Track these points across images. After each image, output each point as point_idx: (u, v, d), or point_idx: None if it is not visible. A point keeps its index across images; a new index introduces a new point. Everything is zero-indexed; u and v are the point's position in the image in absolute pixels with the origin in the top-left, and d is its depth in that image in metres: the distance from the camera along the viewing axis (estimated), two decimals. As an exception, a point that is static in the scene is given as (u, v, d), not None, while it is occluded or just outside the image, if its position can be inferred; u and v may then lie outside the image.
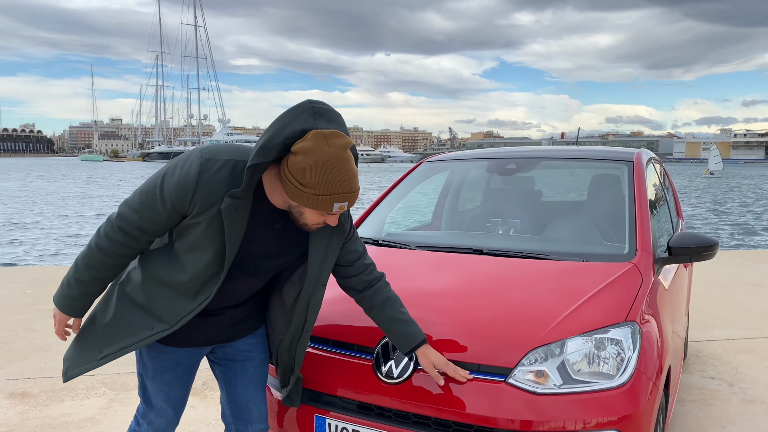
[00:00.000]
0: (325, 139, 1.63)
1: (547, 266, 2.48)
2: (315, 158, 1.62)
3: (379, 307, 2.06)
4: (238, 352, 2.09)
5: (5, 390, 3.75)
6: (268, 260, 1.90)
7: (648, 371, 2.04)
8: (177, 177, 1.71)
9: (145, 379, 2.01)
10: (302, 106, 1.70)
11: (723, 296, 6.31)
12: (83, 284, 1.83)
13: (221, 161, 1.73)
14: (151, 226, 1.76)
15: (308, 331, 2.05)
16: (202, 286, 1.82)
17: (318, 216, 1.74)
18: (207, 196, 1.71)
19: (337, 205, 1.68)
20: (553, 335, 2.05)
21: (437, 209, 3.98)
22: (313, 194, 1.65)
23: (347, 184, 1.66)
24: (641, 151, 3.40)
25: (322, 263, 1.95)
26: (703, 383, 3.95)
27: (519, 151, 3.61)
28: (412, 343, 2.03)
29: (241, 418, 2.14)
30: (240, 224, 1.76)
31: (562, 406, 1.91)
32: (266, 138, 1.67)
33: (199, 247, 1.77)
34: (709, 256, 2.66)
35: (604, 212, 3.03)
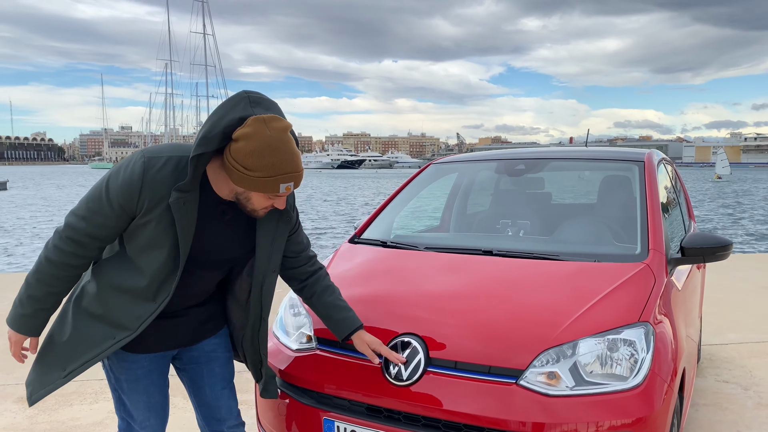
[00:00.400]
0: (264, 123, 1.67)
1: (557, 267, 2.45)
2: (257, 142, 1.65)
3: (320, 294, 2.13)
4: (203, 353, 2.09)
5: (14, 394, 3.75)
6: (220, 253, 1.91)
7: (662, 372, 2.01)
8: (122, 179, 1.72)
9: (121, 395, 1.98)
10: (238, 96, 1.74)
11: (736, 300, 6.23)
12: (37, 301, 1.80)
13: (164, 158, 1.75)
14: (101, 231, 1.75)
15: (265, 319, 2.06)
16: (160, 285, 1.81)
17: (265, 199, 1.77)
18: (154, 194, 1.72)
19: (283, 185, 1.72)
20: (565, 336, 2.02)
21: (445, 211, 3.95)
22: (260, 177, 1.68)
23: (291, 164, 1.70)
24: (652, 151, 3.36)
25: (271, 249, 1.97)
26: (717, 387, 3.89)
27: (528, 152, 3.58)
28: (351, 327, 2.11)
29: (213, 418, 2.13)
30: (190, 217, 1.77)
31: (574, 408, 1.88)
32: (206, 129, 1.70)
33: (152, 247, 1.77)
34: (723, 256, 2.61)
35: (615, 212, 2.99)
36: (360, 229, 3.18)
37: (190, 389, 2.14)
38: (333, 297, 2.14)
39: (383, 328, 2.20)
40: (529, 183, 3.53)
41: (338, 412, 2.13)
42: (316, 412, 2.17)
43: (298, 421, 2.23)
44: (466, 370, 2.01)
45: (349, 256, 2.85)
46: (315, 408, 2.18)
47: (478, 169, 3.90)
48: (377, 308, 2.32)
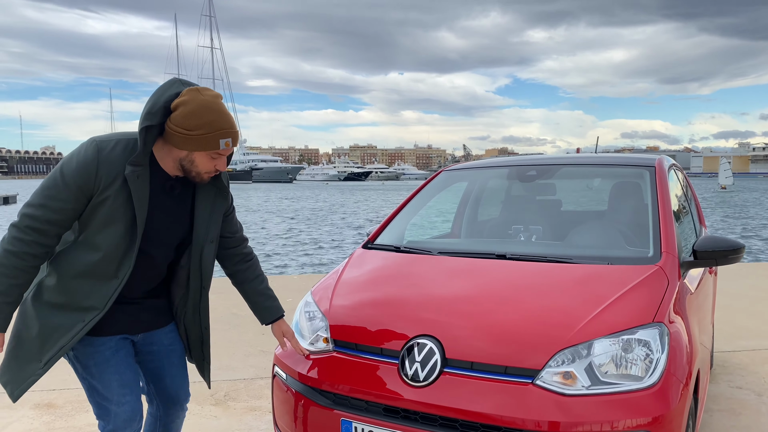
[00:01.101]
0: (198, 91, 1.90)
1: (571, 270, 2.47)
2: (194, 105, 1.87)
3: (251, 280, 2.31)
4: (163, 347, 2.23)
5: (31, 401, 3.79)
6: (171, 228, 2.07)
7: (678, 372, 2.02)
8: (76, 162, 1.88)
9: (90, 381, 2.04)
10: (170, 80, 1.97)
11: (747, 307, 6.21)
12: (1, 294, 1.87)
13: (114, 141, 1.93)
14: (59, 216, 1.87)
15: (206, 288, 2.21)
16: (121, 261, 1.95)
17: (208, 159, 1.96)
18: (109, 171, 1.88)
19: (222, 141, 1.92)
20: (580, 337, 2.04)
21: (456, 218, 3.98)
22: (200, 134, 1.88)
23: (228, 121, 1.93)
24: (662, 157, 3.38)
25: (209, 221, 2.14)
26: (730, 393, 3.88)
27: (539, 158, 3.61)
28: (274, 315, 2.33)
29: (172, 401, 2.29)
30: (144, 191, 1.94)
31: (591, 407, 1.90)
32: (149, 105, 1.90)
33: (110, 223, 1.91)
34: (735, 259, 2.63)
35: (627, 216, 3.02)
36: (373, 235, 3.22)
37: (151, 379, 2.25)
38: (263, 286, 2.32)
39: (400, 330, 2.23)
40: (541, 189, 3.56)
41: (356, 413, 2.15)
42: (334, 414, 2.20)
43: (315, 422, 2.26)
44: (483, 370, 2.04)
45: (363, 261, 2.88)
46: (332, 409, 2.21)
47: (489, 176, 3.94)
48: (393, 311, 2.35)
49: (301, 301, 2.70)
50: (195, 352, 2.29)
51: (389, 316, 2.33)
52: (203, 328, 2.25)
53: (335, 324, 2.40)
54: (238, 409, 3.66)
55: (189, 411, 3.54)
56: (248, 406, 3.72)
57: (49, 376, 4.24)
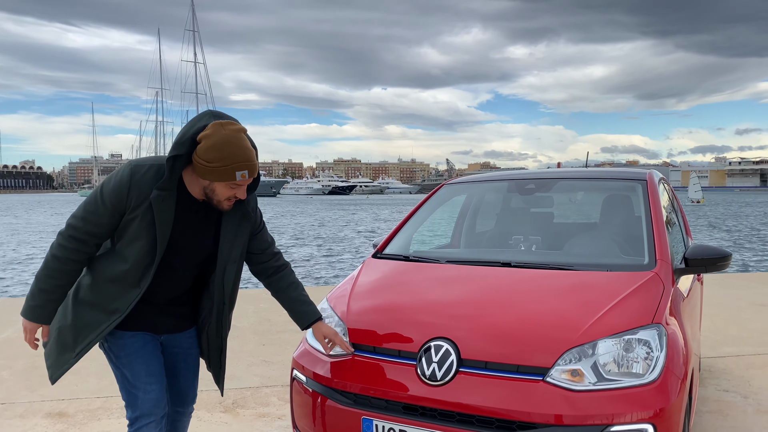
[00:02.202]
0: (221, 126, 2.06)
1: (573, 276, 2.64)
2: (214, 139, 2.04)
3: (285, 289, 2.46)
4: (182, 349, 2.42)
5: (42, 410, 3.85)
6: (195, 245, 2.25)
7: (676, 370, 2.19)
8: (113, 183, 2.09)
9: (122, 369, 2.25)
10: (203, 113, 2.16)
11: (731, 316, 6.44)
12: (46, 293, 2.14)
13: (147, 166, 2.13)
14: (97, 228, 2.11)
15: (228, 305, 2.37)
16: (143, 272, 2.15)
17: (227, 189, 2.12)
18: (139, 193, 2.08)
19: (239, 173, 2.07)
20: (586, 337, 2.21)
21: (456, 229, 4.15)
22: (218, 167, 2.05)
23: (245, 155, 2.07)
24: (652, 171, 3.59)
25: (232, 243, 2.30)
26: (718, 396, 4.07)
27: (537, 172, 3.80)
28: (311, 318, 2.46)
29: (180, 401, 2.47)
30: (168, 213, 2.12)
31: (598, 401, 2.06)
32: (178, 136, 2.09)
33: (137, 238, 2.12)
34: (723, 266, 2.82)
35: (622, 226, 3.21)
36: (381, 245, 3.37)
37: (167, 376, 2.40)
38: (296, 292, 2.47)
39: (417, 333, 2.38)
40: (538, 202, 3.74)
41: (376, 412, 2.29)
42: (355, 413, 2.33)
43: (337, 422, 2.39)
44: (496, 369, 2.19)
45: (375, 270, 3.03)
46: (354, 409, 2.34)
47: (488, 190, 4.12)
48: (409, 315, 2.50)
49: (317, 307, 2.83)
50: (213, 361, 2.47)
51: (405, 320, 2.48)
52: (223, 339, 2.43)
53: (353, 328, 2.53)
54: (248, 416, 3.76)
55: (200, 418, 3.65)
56: (257, 412, 3.83)
57: (59, 387, 4.31)
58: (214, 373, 2.50)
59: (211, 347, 2.44)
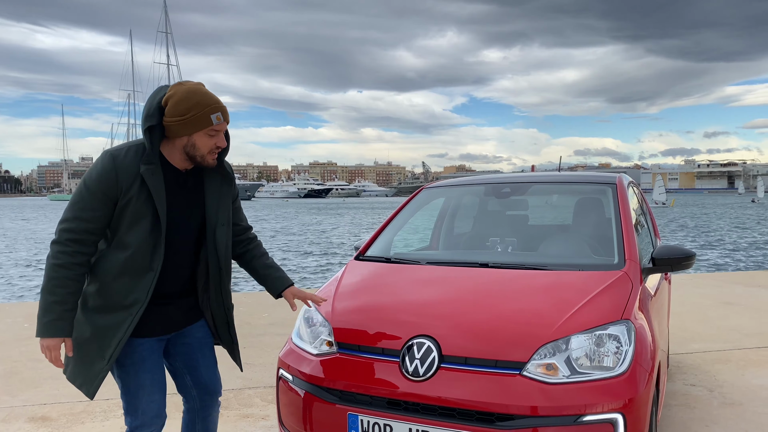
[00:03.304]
0: (180, 84, 2.17)
1: (547, 276, 2.78)
2: (180, 94, 2.12)
3: (259, 257, 2.55)
4: (196, 340, 2.43)
5: (24, 415, 3.86)
6: (188, 217, 2.28)
7: (643, 363, 2.33)
8: (96, 173, 2.11)
9: (126, 378, 2.24)
10: (158, 87, 2.22)
11: (698, 314, 6.68)
12: (59, 304, 2.08)
13: (125, 148, 2.17)
14: (93, 223, 2.10)
15: (226, 270, 2.40)
16: (152, 254, 2.16)
17: (207, 138, 2.18)
18: (127, 175, 2.11)
19: (213, 116, 2.15)
20: (559, 333, 2.33)
21: (435, 232, 4.26)
22: (192, 116, 2.12)
23: (213, 99, 2.17)
24: (622, 174, 3.75)
25: (218, 204, 2.35)
26: (685, 390, 4.25)
27: (512, 176, 3.94)
28: (285, 284, 2.54)
29: (207, 392, 2.49)
30: (160, 185, 2.15)
31: (572, 393, 2.18)
32: (145, 110, 2.16)
33: (137, 219, 2.13)
34: (688, 265, 2.99)
35: (593, 228, 3.36)
36: (363, 248, 3.47)
37: (186, 371, 2.44)
38: (270, 260, 2.57)
39: (399, 332, 2.48)
40: (514, 205, 3.88)
41: (361, 407, 2.38)
42: (341, 409, 2.42)
43: (323, 418, 2.47)
44: (476, 364, 2.30)
45: (358, 271, 3.12)
46: (339, 405, 2.43)
47: (466, 193, 4.25)
48: (392, 314, 2.60)
49: (302, 309, 2.92)
50: (223, 336, 2.49)
51: (388, 319, 2.58)
52: (226, 309, 2.44)
53: (338, 327, 2.62)
54: (232, 417, 3.82)
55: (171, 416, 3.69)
56: (240, 413, 3.89)
57: (41, 391, 4.31)
58: (227, 348, 2.52)
59: (217, 322, 2.44)
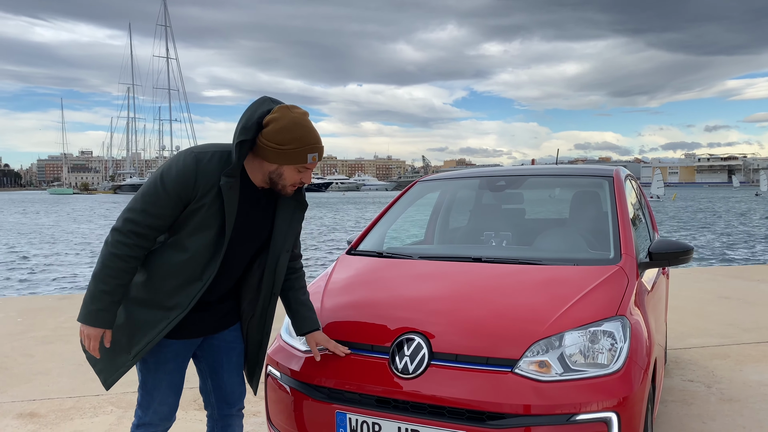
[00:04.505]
0: (289, 109, 2.05)
1: (542, 271, 2.71)
2: (285, 121, 2.02)
3: (296, 290, 2.45)
4: (225, 343, 2.34)
5: (13, 411, 3.81)
6: (252, 236, 2.20)
7: (639, 360, 2.27)
8: (176, 171, 2.01)
9: (146, 374, 2.20)
10: (261, 98, 2.12)
11: (697, 308, 6.63)
12: (109, 294, 2.02)
13: (210, 152, 2.07)
14: (159, 221, 2.03)
15: (276, 294, 2.34)
16: (206, 264, 2.09)
17: (295, 173, 2.10)
18: (206, 181, 2.02)
19: (310, 156, 2.07)
20: (552, 330, 2.27)
21: (429, 226, 4.20)
22: (290, 149, 2.03)
23: (315, 137, 2.08)
24: (619, 168, 3.69)
25: (287, 231, 2.27)
26: (683, 386, 4.20)
27: (507, 169, 3.88)
28: (311, 327, 2.43)
29: (226, 401, 2.40)
30: (234, 200, 2.07)
31: (565, 391, 2.12)
32: (243, 121, 2.04)
33: (202, 228, 2.06)
34: (686, 260, 2.92)
35: (589, 222, 3.29)
36: (355, 242, 3.41)
37: (209, 375, 2.38)
38: (305, 297, 2.47)
39: (389, 328, 2.42)
40: (509, 198, 3.81)
41: (350, 405, 2.32)
42: (329, 407, 2.36)
43: (311, 416, 2.42)
44: (466, 361, 2.24)
45: (349, 266, 3.06)
46: (327, 403, 2.37)
47: (460, 187, 4.18)
48: (382, 311, 2.54)
49: (291, 305, 2.86)
50: (251, 356, 2.39)
51: (378, 315, 2.52)
52: (265, 333, 2.36)
53: (327, 324, 2.57)
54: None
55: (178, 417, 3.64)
56: (232, 410, 3.83)
57: (29, 387, 4.27)
58: (249, 369, 2.42)
59: (250, 341, 2.36)
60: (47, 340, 5.53)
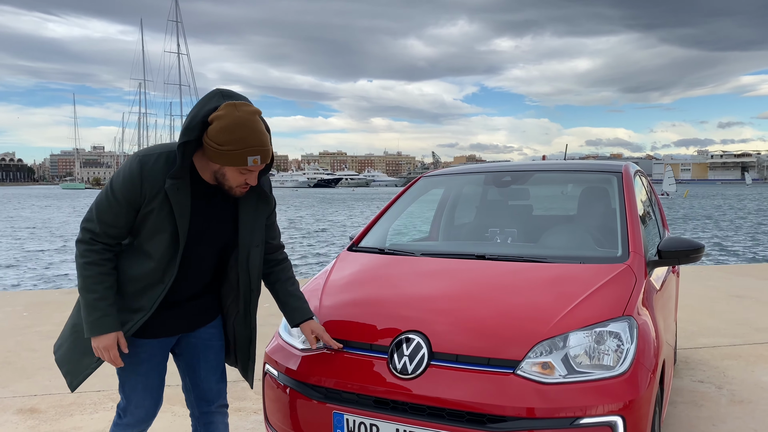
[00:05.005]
0: (235, 107, 1.94)
1: (547, 269, 2.64)
2: (227, 120, 1.92)
3: (283, 282, 2.39)
4: (201, 341, 2.30)
5: (13, 406, 3.79)
6: (212, 233, 2.16)
7: (646, 362, 2.19)
8: (122, 178, 1.99)
9: (123, 377, 2.18)
10: (212, 92, 2.02)
11: (708, 307, 6.51)
12: (103, 299, 2.01)
13: (156, 154, 2.02)
14: (114, 229, 2.02)
15: (255, 291, 2.29)
16: (166, 266, 2.06)
17: (238, 174, 2.02)
18: (152, 184, 1.98)
19: (250, 158, 1.96)
20: (557, 330, 2.20)
21: (434, 222, 4.13)
22: (230, 150, 1.93)
23: (257, 139, 1.95)
24: (628, 163, 3.60)
25: (252, 226, 2.21)
26: (693, 386, 4.11)
27: (513, 164, 3.79)
28: (304, 316, 2.38)
29: (204, 399, 2.36)
30: (185, 201, 2.03)
31: (568, 394, 2.05)
32: (188, 120, 1.97)
33: (157, 232, 2.03)
34: (696, 258, 2.83)
35: (597, 219, 3.21)
36: (357, 238, 3.34)
37: (186, 373, 2.35)
38: (294, 287, 2.41)
39: (388, 327, 2.35)
40: (515, 194, 3.73)
41: (347, 406, 2.26)
42: (326, 407, 2.30)
43: (308, 417, 2.36)
44: (467, 362, 2.17)
45: (349, 263, 3.00)
46: (324, 403, 2.31)
47: (466, 182, 4.10)
48: (381, 309, 2.48)
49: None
50: (242, 352, 2.36)
51: (377, 313, 2.45)
52: (252, 328, 2.34)
53: (325, 322, 2.51)
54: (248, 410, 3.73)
55: (175, 413, 3.61)
56: (233, 407, 3.78)
57: (31, 382, 4.25)
58: (242, 365, 2.38)
59: (238, 338, 2.33)
60: (52, 335, 5.51)
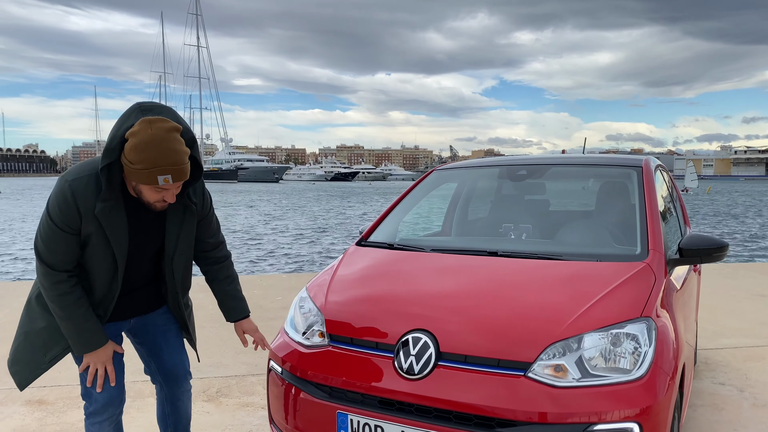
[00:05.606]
0: (149, 123, 1.90)
1: (561, 267, 2.53)
2: (138, 138, 1.89)
3: (221, 281, 2.44)
4: (157, 327, 2.38)
5: (21, 397, 3.78)
6: (149, 244, 2.21)
7: (664, 366, 2.09)
8: (58, 206, 1.98)
9: (80, 364, 2.19)
10: (131, 108, 2.01)
11: (730, 306, 6.33)
12: (81, 317, 2.06)
13: (85, 177, 2.00)
14: (65, 255, 2.02)
15: (183, 289, 2.38)
16: (110, 283, 2.12)
17: (153, 192, 2.00)
18: (87, 208, 1.98)
19: (161, 177, 1.93)
20: (571, 331, 2.10)
21: (447, 216, 4.03)
22: (140, 169, 1.91)
23: (168, 159, 1.91)
24: (649, 158, 3.46)
25: (178, 236, 2.24)
26: (713, 389, 3.97)
27: (528, 158, 3.68)
28: (240, 315, 2.46)
29: (171, 376, 2.43)
30: (119, 222, 2.04)
31: (581, 399, 1.95)
32: (107, 141, 1.96)
33: (97, 252, 2.05)
34: (720, 257, 2.70)
35: (615, 215, 3.09)
36: (366, 232, 3.26)
37: (150, 357, 2.40)
38: (231, 287, 2.45)
39: (395, 325, 2.27)
40: (530, 188, 3.62)
41: (351, 406, 2.19)
42: (330, 407, 2.23)
43: (312, 416, 2.29)
44: (476, 363, 2.09)
45: (357, 258, 2.92)
46: (329, 402, 2.24)
47: (479, 176, 4.00)
48: (388, 306, 2.40)
49: (297, 297, 2.74)
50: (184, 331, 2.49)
51: (384, 311, 2.37)
52: (183, 318, 2.43)
53: (331, 319, 2.44)
54: (231, 405, 3.68)
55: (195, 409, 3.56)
56: (240, 402, 3.75)
57: (40, 373, 4.23)
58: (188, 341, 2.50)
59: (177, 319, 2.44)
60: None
